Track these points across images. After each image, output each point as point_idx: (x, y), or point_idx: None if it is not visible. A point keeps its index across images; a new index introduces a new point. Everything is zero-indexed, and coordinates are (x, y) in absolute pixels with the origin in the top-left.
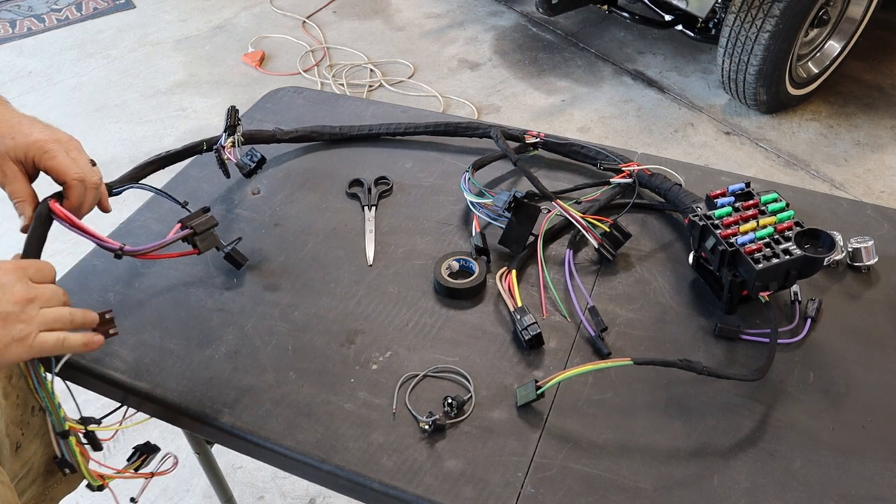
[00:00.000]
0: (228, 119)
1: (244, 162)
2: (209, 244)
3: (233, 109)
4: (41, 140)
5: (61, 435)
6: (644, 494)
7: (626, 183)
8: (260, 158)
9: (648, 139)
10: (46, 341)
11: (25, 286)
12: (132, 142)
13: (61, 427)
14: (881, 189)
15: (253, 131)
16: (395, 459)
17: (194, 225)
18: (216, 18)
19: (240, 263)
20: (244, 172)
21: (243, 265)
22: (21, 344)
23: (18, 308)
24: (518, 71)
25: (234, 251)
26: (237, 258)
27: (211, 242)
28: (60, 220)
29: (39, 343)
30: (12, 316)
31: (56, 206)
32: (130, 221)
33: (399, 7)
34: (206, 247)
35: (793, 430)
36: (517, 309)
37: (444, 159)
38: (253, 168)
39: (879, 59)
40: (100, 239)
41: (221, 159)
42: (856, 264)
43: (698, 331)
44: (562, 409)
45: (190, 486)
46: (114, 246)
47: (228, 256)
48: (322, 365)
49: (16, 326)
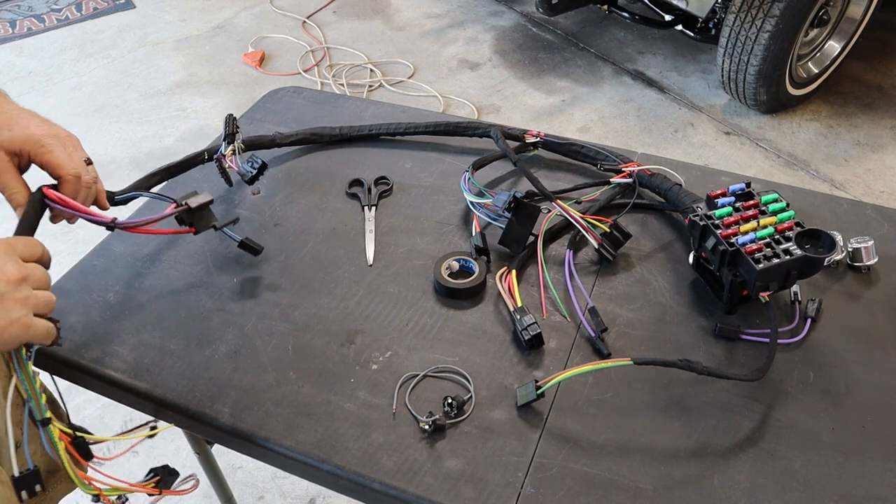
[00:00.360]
0: (227, 127)
1: (246, 169)
2: (205, 223)
3: (231, 118)
4: (38, 134)
5: (41, 423)
6: (644, 494)
7: (626, 183)
8: (261, 164)
9: (648, 139)
10: (40, 326)
11: (16, 265)
12: (132, 142)
13: (41, 414)
14: (881, 189)
15: (253, 138)
16: (395, 459)
17: (189, 201)
18: (216, 18)
19: (256, 251)
20: (246, 180)
21: (260, 252)
22: (18, 325)
23: (12, 287)
24: (518, 71)
25: (249, 240)
26: (253, 246)
27: (207, 221)
28: (53, 202)
29: (34, 327)
30: (7, 296)
31: (49, 191)
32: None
33: (399, 7)
34: (203, 226)
35: (793, 430)
36: (517, 309)
37: (444, 159)
38: (255, 175)
39: (879, 59)
40: (92, 214)
41: (223, 168)
42: (856, 264)
43: (698, 331)
44: (562, 409)
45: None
46: (105, 220)
47: (243, 244)
48: (322, 365)
49: (13, 309)
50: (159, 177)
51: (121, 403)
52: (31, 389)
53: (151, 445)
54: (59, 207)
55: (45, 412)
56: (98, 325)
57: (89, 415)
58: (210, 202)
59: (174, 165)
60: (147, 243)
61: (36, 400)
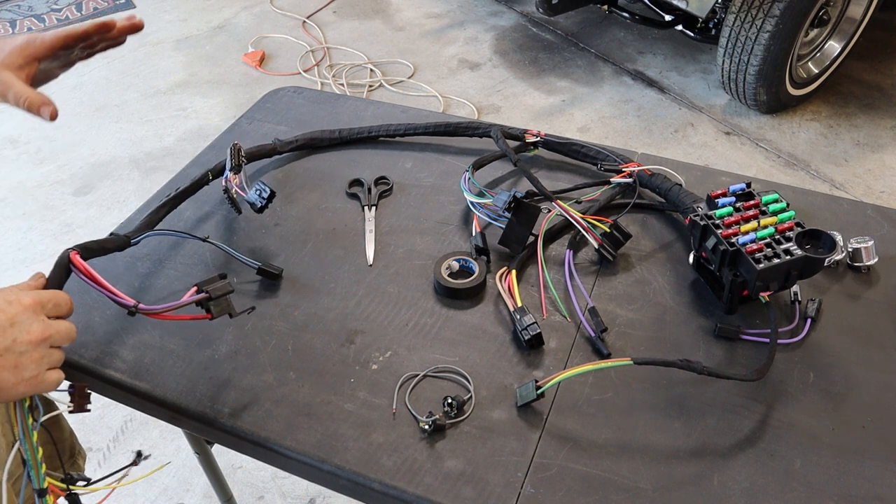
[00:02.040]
0: (232, 159)
1: (254, 198)
2: (222, 310)
3: (236, 148)
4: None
5: (38, 493)
6: (644, 494)
7: (627, 183)
8: (270, 194)
9: (648, 139)
10: (50, 381)
11: (42, 324)
12: (132, 142)
13: (39, 484)
14: (881, 189)
15: (253, 149)
16: (395, 459)
17: (210, 290)
18: (216, 18)
19: (274, 274)
20: (257, 209)
21: (279, 274)
22: (28, 384)
23: (32, 348)
24: (518, 71)
25: (267, 264)
26: (271, 270)
27: (224, 308)
28: (78, 271)
29: (44, 382)
30: (25, 356)
31: (76, 259)
32: (131, 221)
33: (399, 7)
34: (219, 312)
35: (793, 430)
36: (517, 309)
37: (444, 159)
38: (264, 204)
39: (879, 59)
40: (115, 294)
41: (231, 197)
42: (856, 264)
43: (698, 331)
44: (562, 409)
45: (190, 486)
46: (128, 303)
47: (262, 271)
48: (322, 365)
49: (28, 367)
50: (168, 207)
51: (121, 403)
52: (32, 459)
53: (151, 445)
54: (83, 279)
55: (43, 482)
56: (98, 325)
57: (89, 415)
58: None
59: (180, 193)
60: (147, 243)
61: (36, 470)
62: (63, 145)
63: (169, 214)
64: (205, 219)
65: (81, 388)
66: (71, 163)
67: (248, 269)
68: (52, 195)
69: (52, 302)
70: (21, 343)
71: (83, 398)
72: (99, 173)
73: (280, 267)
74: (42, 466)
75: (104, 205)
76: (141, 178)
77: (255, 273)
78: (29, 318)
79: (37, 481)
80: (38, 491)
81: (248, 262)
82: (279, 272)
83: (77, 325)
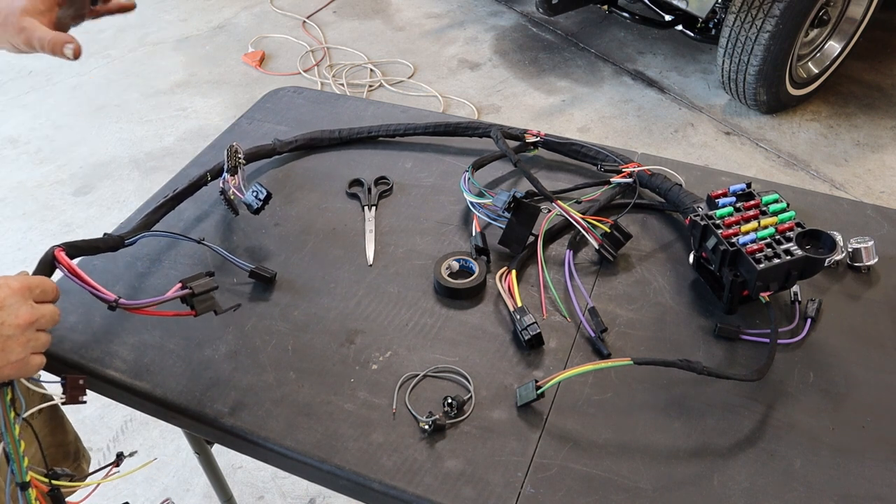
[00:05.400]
0: (229, 160)
1: (250, 200)
2: (206, 307)
3: (233, 149)
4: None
5: (21, 486)
6: (644, 494)
7: (627, 183)
8: (266, 195)
9: (648, 139)
10: (34, 364)
11: (29, 308)
12: (132, 141)
13: (22, 478)
14: (881, 189)
15: (253, 149)
16: (395, 459)
17: (193, 286)
18: (216, 18)
19: (265, 277)
20: (252, 211)
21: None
22: (14, 366)
23: (19, 332)
24: (518, 71)
25: (260, 267)
26: (263, 273)
27: (208, 306)
28: (62, 267)
29: (28, 365)
30: (13, 339)
31: (61, 255)
32: (130, 221)
33: (399, 7)
34: (203, 309)
35: (793, 430)
36: (517, 309)
37: (444, 159)
38: (260, 206)
39: (879, 59)
40: (96, 289)
41: (228, 199)
42: (856, 264)
43: (698, 331)
44: (562, 409)
45: (190, 486)
46: (109, 298)
47: (254, 274)
48: (322, 365)
49: (14, 350)
50: (166, 208)
51: (121, 403)
52: (14, 452)
53: (151, 445)
54: (66, 274)
55: (25, 476)
56: (98, 325)
57: (89, 414)
58: (214, 288)
59: (178, 194)
60: (147, 243)
61: (18, 464)
62: (63, 145)
63: (169, 214)
64: (205, 218)
65: (74, 379)
66: (71, 163)
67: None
68: (52, 195)
69: (39, 287)
70: (9, 326)
71: (76, 390)
72: (99, 173)
73: (273, 270)
74: (25, 461)
75: (104, 205)
76: (141, 178)
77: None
78: (17, 301)
79: (19, 475)
80: (20, 485)
81: (241, 265)
82: (272, 275)
83: (77, 325)
